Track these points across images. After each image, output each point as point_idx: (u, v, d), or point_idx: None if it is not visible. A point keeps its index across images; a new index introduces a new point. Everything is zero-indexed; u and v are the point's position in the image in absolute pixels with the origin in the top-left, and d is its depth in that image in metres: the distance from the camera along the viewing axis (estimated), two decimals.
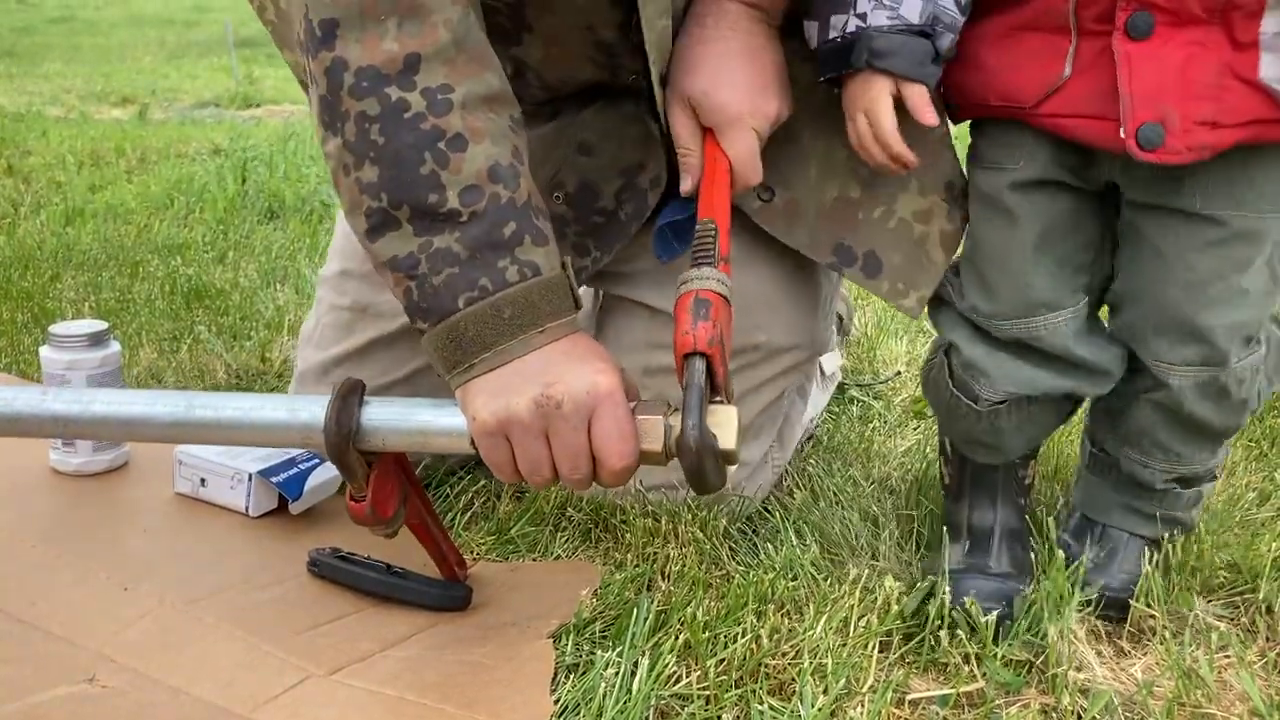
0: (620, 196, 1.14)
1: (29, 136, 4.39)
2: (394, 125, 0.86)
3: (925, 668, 0.95)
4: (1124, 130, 0.89)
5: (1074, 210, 1.01)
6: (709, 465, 0.84)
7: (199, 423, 0.95)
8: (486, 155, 0.87)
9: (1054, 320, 1.02)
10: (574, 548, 1.15)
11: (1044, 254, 1.01)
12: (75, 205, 2.94)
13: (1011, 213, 1.01)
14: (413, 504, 0.98)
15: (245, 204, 2.96)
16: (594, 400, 0.86)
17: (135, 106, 6.83)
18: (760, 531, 1.17)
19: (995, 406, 1.06)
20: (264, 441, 0.98)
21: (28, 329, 1.85)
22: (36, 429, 0.99)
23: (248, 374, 1.67)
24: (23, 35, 13.23)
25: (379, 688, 0.90)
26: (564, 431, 0.86)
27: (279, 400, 0.95)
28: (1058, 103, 0.94)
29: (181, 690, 0.89)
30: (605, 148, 1.13)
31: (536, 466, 0.88)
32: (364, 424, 0.91)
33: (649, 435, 0.88)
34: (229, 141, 4.02)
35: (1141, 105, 0.89)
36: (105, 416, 0.96)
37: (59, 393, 0.98)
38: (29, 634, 0.97)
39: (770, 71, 1.03)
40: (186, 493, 1.24)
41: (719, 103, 1.01)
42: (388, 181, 0.86)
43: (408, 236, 0.87)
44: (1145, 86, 0.89)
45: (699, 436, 0.83)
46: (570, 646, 0.95)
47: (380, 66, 0.86)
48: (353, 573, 1.05)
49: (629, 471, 0.88)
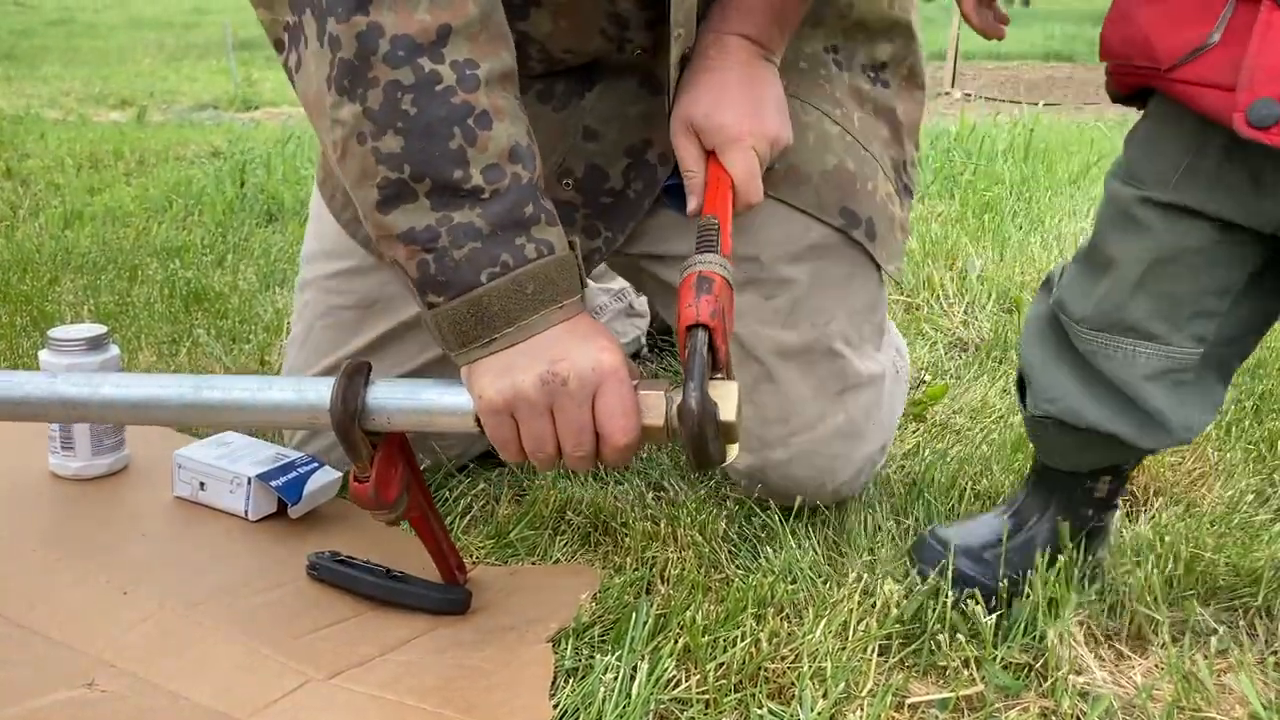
0: (628, 175, 1.15)
1: (27, 139, 4.39)
2: (427, 97, 0.86)
3: (925, 671, 0.95)
4: (1238, 101, 0.79)
5: (1220, 247, 0.89)
6: (709, 432, 0.85)
7: (207, 404, 0.95)
8: (508, 134, 0.88)
9: (1135, 349, 0.92)
10: (573, 551, 1.15)
11: (1158, 281, 0.91)
12: (74, 208, 2.94)
13: (1139, 223, 0.91)
14: (414, 496, 0.99)
15: (244, 207, 2.96)
16: (599, 377, 0.87)
17: (134, 109, 6.84)
18: (759, 535, 1.17)
19: (1039, 420, 1.00)
20: (271, 422, 0.99)
21: (26, 332, 1.85)
22: (44, 413, 0.99)
23: None
24: (21, 38, 13.23)
25: (379, 692, 0.90)
26: (569, 408, 0.87)
27: (286, 381, 0.96)
28: (1195, 69, 0.83)
29: (180, 695, 0.89)
30: (609, 131, 1.14)
31: (541, 444, 0.89)
32: (369, 403, 0.92)
33: (651, 411, 0.89)
34: (228, 144, 4.02)
35: (1265, 78, 0.78)
36: (114, 399, 0.96)
37: (68, 376, 0.98)
38: (28, 638, 0.97)
39: (770, 96, 1.06)
40: (186, 496, 1.24)
41: (720, 123, 1.03)
42: (414, 153, 0.86)
43: (424, 210, 0.87)
44: (1275, 58, 0.77)
45: (700, 399, 0.84)
46: (569, 650, 0.95)
47: (415, 36, 0.86)
48: (352, 576, 1.05)
49: (631, 449, 0.89)
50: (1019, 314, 1.91)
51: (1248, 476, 1.30)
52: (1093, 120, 5.59)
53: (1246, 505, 1.22)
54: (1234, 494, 1.25)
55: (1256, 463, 1.35)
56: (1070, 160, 3.67)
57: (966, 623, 0.98)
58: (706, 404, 0.85)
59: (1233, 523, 1.18)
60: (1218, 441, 1.40)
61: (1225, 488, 1.27)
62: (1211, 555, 1.09)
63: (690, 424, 0.85)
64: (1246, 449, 1.38)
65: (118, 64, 10.67)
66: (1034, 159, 3.61)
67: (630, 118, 1.13)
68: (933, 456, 1.35)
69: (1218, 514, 1.20)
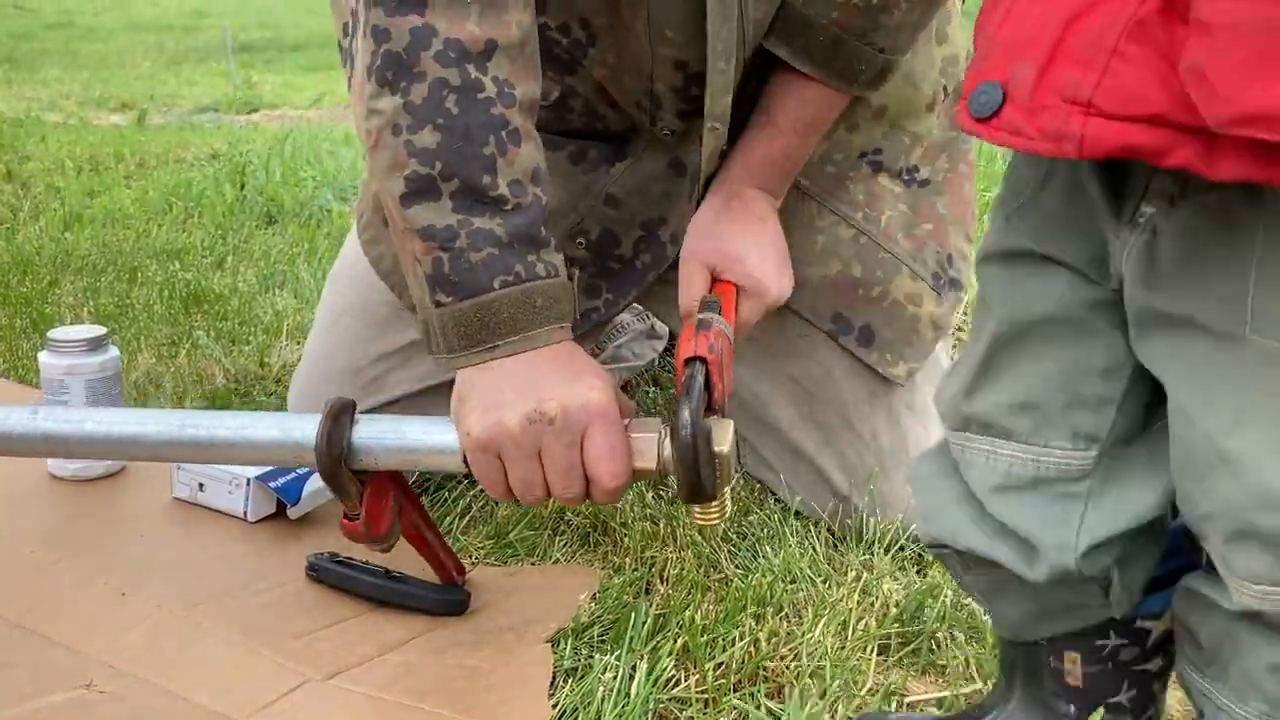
0: (638, 246, 1.17)
1: (28, 142, 4.39)
2: (469, 101, 0.88)
3: (924, 670, 0.95)
4: (965, 88, 0.60)
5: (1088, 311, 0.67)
6: (703, 456, 0.84)
7: (190, 442, 0.96)
8: (532, 157, 0.90)
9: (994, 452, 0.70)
10: (572, 552, 1.15)
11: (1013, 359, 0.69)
12: (74, 210, 2.94)
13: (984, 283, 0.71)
14: (408, 516, 0.98)
15: (244, 209, 2.96)
16: (586, 417, 0.86)
17: (134, 112, 6.84)
18: (758, 535, 1.17)
19: (935, 551, 0.76)
20: (256, 460, 0.99)
21: (26, 334, 1.85)
22: (28, 448, 1.01)
23: (246, 378, 1.67)
24: (21, 41, 13.24)
25: (377, 692, 0.90)
26: (555, 448, 0.87)
27: (271, 419, 0.96)
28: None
29: (179, 696, 0.89)
30: (630, 202, 1.16)
31: (528, 485, 0.89)
32: (355, 443, 0.91)
33: (643, 454, 0.88)
34: (227, 147, 4.02)
35: (997, 59, 0.58)
36: (96, 436, 0.98)
37: (50, 411, 0.99)
38: (27, 639, 0.97)
39: (785, 253, 1.11)
40: (185, 498, 1.24)
41: (750, 270, 1.05)
42: (449, 151, 0.87)
43: (445, 210, 0.88)
44: (1014, 33, 0.57)
45: (693, 421, 0.83)
46: (568, 650, 0.95)
47: (465, 43, 0.88)
48: (351, 577, 1.05)
49: (621, 490, 0.89)
50: None
51: None
52: None
53: None
54: None
55: None
56: None
57: (966, 621, 0.98)
58: (699, 427, 0.84)
59: None
60: None
61: None
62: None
63: (683, 445, 0.84)
64: None
65: (117, 67, 10.68)
66: None
67: (653, 194, 1.15)
68: None
69: None
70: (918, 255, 1.18)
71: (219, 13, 15.61)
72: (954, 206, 1.21)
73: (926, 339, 1.19)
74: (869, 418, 1.18)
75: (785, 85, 1.06)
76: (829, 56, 1.03)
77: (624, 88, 1.08)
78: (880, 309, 1.17)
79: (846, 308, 1.17)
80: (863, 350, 1.17)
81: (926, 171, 1.21)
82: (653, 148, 1.14)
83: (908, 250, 1.17)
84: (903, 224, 1.18)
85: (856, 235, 1.17)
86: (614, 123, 1.13)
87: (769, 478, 1.24)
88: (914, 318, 1.18)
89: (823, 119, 1.09)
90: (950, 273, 1.19)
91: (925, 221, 1.19)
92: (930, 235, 1.19)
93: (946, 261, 1.19)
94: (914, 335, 1.18)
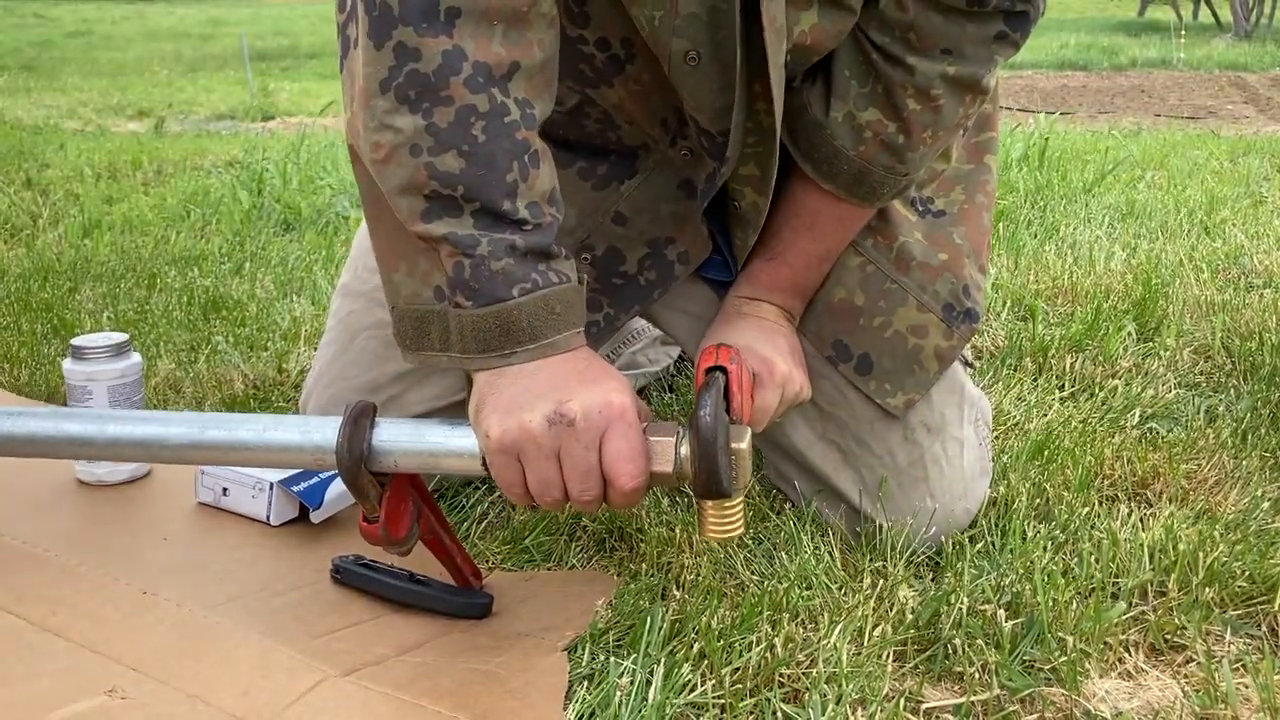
0: (643, 263, 1.17)
1: (47, 150, 4.44)
2: (496, 127, 0.88)
3: (940, 676, 0.95)
4: None
5: None
6: (721, 453, 0.85)
7: (212, 444, 0.97)
8: (549, 178, 0.91)
9: None
10: (589, 557, 1.16)
11: None
12: (93, 217, 2.97)
13: None
14: (425, 520, 0.99)
15: (261, 216, 2.98)
16: (606, 419, 0.87)
17: (152, 119, 6.89)
18: (774, 540, 1.17)
19: None
20: (277, 463, 1.00)
21: (47, 340, 1.87)
22: (52, 450, 1.02)
23: (265, 384, 1.69)
24: (41, 49, 13.35)
25: (395, 692, 0.91)
26: (575, 450, 0.87)
27: (291, 421, 0.97)
28: None
29: (200, 699, 0.90)
30: (638, 220, 1.16)
31: (547, 486, 0.89)
32: (375, 446, 0.92)
33: (660, 456, 0.89)
34: (244, 154, 4.05)
35: None
36: (119, 438, 0.99)
37: (74, 413, 1.00)
38: (52, 643, 0.98)
39: (798, 350, 1.14)
40: (208, 502, 1.25)
41: (765, 356, 1.07)
42: (472, 179, 0.87)
43: (466, 224, 0.88)
44: None
45: (714, 414, 0.84)
46: (585, 656, 0.95)
47: (491, 65, 0.88)
48: (376, 580, 1.06)
49: (639, 493, 0.89)
50: (1034, 321, 1.91)
51: (1264, 484, 1.30)
52: (1107, 129, 5.58)
53: (1263, 513, 1.22)
54: (1250, 501, 1.25)
55: (1273, 470, 1.35)
56: (1084, 168, 3.66)
57: (982, 628, 0.99)
58: (719, 417, 0.84)
59: (1249, 530, 1.18)
60: (1234, 450, 1.40)
61: (1241, 495, 1.27)
62: (1229, 563, 1.09)
63: (703, 431, 0.84)
64: (1263, 457, 1.38)
65: (135, 75, 10.75)
66: (1048, 167, 3.61)
67: (661, 214, 1.15)
68: None
69: (1234, 521, 1.19)
70: (929, 286, 1.17)
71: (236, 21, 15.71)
72: (971, 237, 1.21)
73: (929, 370, 1.18)
74: (884, 437, 1.18)
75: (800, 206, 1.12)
76: (853, 183, 1.09)
77: (651, 105, 1.08)
78: (880, 339, 1.17)
79: (846, 335, 1.17)
80: (860, 379, 1.17)
81: (942, 203, 1.21)
82: (663, 166, 1.14)
83: (918, 280, 1.17)
84: (916, 253, 1.18)
85: (864, 263, 1.17)
86: (628, 136, 1.13)
87: (785, 489, 1.24)
88: (915, 349, 1.17)
89: (833, 251, 1.15)
90: (966, 303, 1.19)
91: (941, 251, 1.19)
92: (946, 266, 1.18)
93: (962, 292, 1.18)
94: (915, 366, 1.17)
